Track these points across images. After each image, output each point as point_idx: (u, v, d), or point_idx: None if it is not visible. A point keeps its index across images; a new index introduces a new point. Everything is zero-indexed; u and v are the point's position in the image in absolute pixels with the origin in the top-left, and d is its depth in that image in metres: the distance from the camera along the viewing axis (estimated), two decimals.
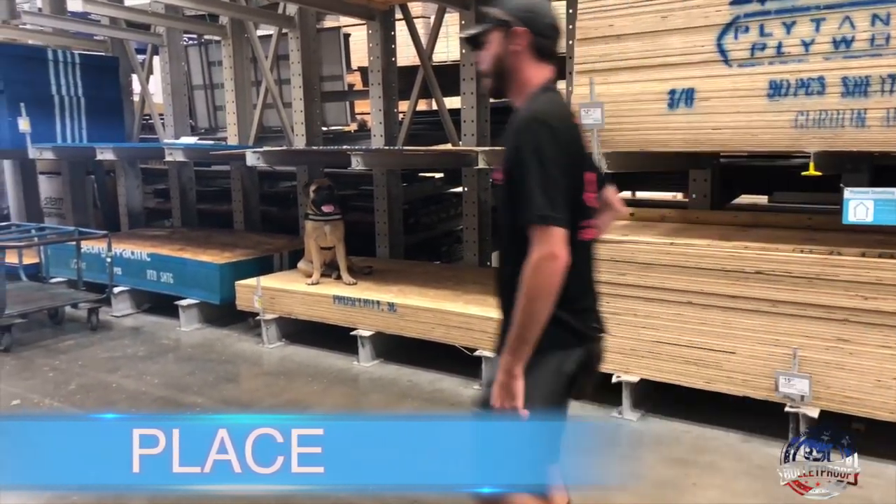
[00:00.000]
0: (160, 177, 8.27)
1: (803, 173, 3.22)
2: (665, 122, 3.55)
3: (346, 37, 8.02)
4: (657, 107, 3.56)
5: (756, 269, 3.47)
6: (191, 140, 7.12)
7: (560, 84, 7.93)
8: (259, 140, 7.07)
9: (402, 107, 6.30)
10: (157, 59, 7.68)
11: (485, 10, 2.11)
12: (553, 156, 1.82)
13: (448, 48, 8.19)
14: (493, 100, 5.54)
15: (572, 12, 4.65)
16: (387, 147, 6.06)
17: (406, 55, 6.58)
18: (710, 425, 3.73)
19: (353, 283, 5.19)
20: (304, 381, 4.58)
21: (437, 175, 7.31)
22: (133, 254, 6.15)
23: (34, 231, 6.47)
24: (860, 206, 3.08)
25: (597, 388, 2.17)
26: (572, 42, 4.38)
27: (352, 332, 4.85)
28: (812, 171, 3.19)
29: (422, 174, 7.33)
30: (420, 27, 6.88)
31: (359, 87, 8.48)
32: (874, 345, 3.26)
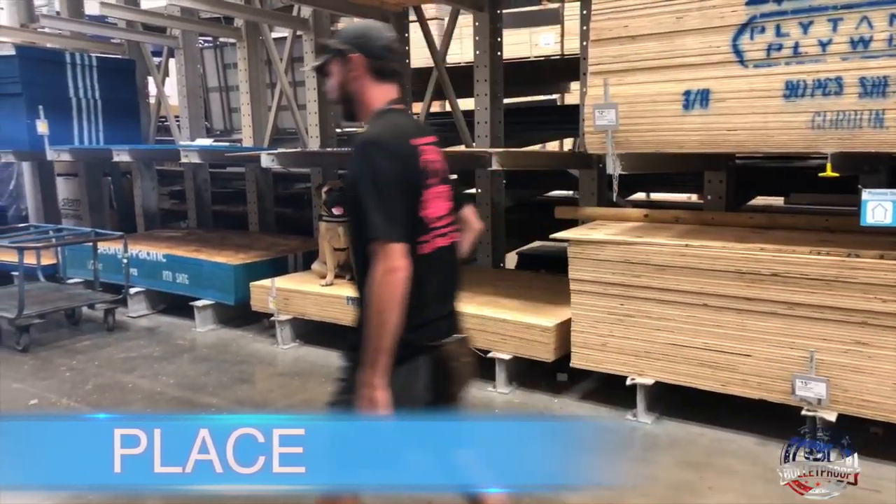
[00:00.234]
0: (176, 178, 8.33)
1: (820, 174, 3.18)
2: (680, 123, 3.52)
3: None
4: (672, 108, 3.53)
5: (772, 271, 3.45)
6: (206, 142, 7.17)
7: (573, 85, 7.99)
8: (274, 142, 7.11)
9: (416, 108, 6.31)
10: (172, 62, 7.75)
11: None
12: (387, 176, 1.91)
13: (461, 50, 8.18)
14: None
15: (586, 13, 4.63)
16: None
17: (420, 56, 6.59)
18: (725, 428, 3.70)
19: None
20: (318, 382, 4.59)
21: (451, 176, 7.29)
22: (149, 255, 6.19)
23: (52, 232, 6.55)
24: (879, 207, 3.05)
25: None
26: (586, 43, 4.36)
27: None
28: (829, 173, 3.15)
29: None
30: (434, 29, 6.88)
31: None
32: (892, 348, 3.23)
